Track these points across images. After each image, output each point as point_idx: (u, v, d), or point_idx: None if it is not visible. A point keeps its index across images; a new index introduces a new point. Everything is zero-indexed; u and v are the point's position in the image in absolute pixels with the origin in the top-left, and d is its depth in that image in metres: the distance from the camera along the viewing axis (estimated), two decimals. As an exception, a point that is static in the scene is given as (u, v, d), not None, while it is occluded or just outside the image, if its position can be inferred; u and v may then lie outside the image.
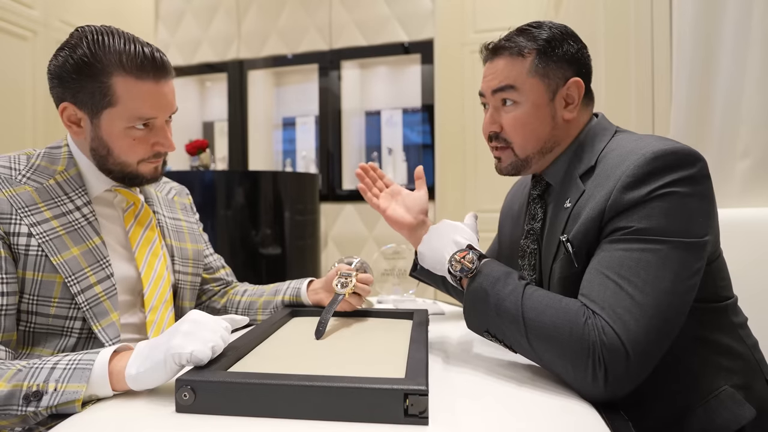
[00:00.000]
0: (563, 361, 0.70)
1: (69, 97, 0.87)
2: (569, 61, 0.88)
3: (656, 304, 0.69)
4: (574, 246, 0.79)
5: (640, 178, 0.74)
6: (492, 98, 0.91)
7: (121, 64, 0.84)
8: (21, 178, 0.86)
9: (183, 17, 3.94)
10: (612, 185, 0.76)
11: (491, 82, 0.90)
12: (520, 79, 0.87)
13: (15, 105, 2.74)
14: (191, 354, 0.64)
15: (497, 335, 0.78)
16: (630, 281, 0.70)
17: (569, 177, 0.87)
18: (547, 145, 0.90)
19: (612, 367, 0.66)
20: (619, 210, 0.74)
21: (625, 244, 0.73)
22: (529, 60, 0.87)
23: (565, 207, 0.84)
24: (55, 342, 0.85)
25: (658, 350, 0.70)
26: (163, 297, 0.97)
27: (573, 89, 0.88)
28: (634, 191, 0.74)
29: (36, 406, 0.64)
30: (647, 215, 0.73)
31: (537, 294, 0.75)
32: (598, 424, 0.61)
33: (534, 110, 0.88)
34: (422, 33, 3.45)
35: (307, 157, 3.89)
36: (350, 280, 0.97)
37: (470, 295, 0.80)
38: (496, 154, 0.94)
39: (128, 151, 0.89)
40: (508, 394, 0.68)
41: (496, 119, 0.91)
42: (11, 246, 0.81)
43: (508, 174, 0.94)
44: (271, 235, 2.73)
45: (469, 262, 0.81)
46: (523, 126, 0.88)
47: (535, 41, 0.87)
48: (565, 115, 0.89)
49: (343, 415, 0.59)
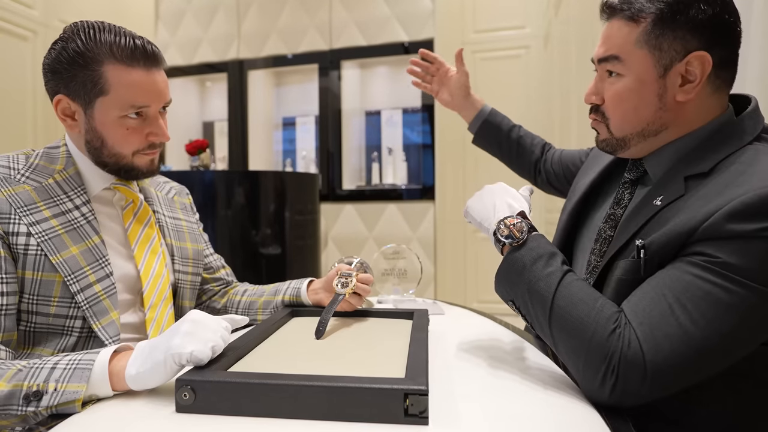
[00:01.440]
0: (577, 358, 0.67)
1: (62, 89, 0.87)
2: (695, 30, 0.72)
3: (704, 342, 0.63)
4: (647, 253, 0.70)
5: (755, 212, 0.63)
6: (599, 67, 0.82)
7: (111, 53, 0.85)
8: (20, 177, 0.86)
9: (183, 17, 3.94)
10: (718, 205, 0.65)
11: (599, 49, 0.81)
12: (626, 48, 0.76)
13: (15, 105, 2.74)
14: (191, 354, 0.64)
15: (521, 308, 0.75)
16: (686, 310, 0.63)
17: (673, 173, 0.75)
18: (651, 128, 0.78)
19: (624, 381, 0.64)
20: (713, 236, 0.64)
21: (701, 271, 0.64)
22: (642, 27, 0.75)
23: (654, 204, 0.74)
24: (55, 341, 0.85)
25: (682, 383, 0.65)
26: (162, 295, 0.97)
27: (695, 65, 0.73)
28: (741, 223, 0.63)
29: (36, 406, 0.64)
30: (742, 252, 0.63)
31: (575, 284, 0.71)
32: (598, 424, 0.61)
33: (638, 86, 0.77)
34: (422, 33, 3.45)
35: (307, 157, 3.89)
36: (350, 280, 0.97)
37: (508, 263, 0.76)
38: (593, 125, 0.86)
39: (122, 141, 0.89)
40: (508, 393, 0.68)
41: (599, 89, 0.82)
42: (10, 246, 0.81)
43: (603, 150, 0.86)
44: (271, 235, 2.73)
45: (518, 231, 0.75)
46: (621, 102, 0.78)
47: (655, 3, 0.74)
48: (678, 96, 0.75)
49: (343, 415, 0.59)
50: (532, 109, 3.12)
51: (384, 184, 3.64)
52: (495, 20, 3.24)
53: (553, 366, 0.80)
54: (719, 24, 0.73)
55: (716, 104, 0.77)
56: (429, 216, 3.43)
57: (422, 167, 3.59)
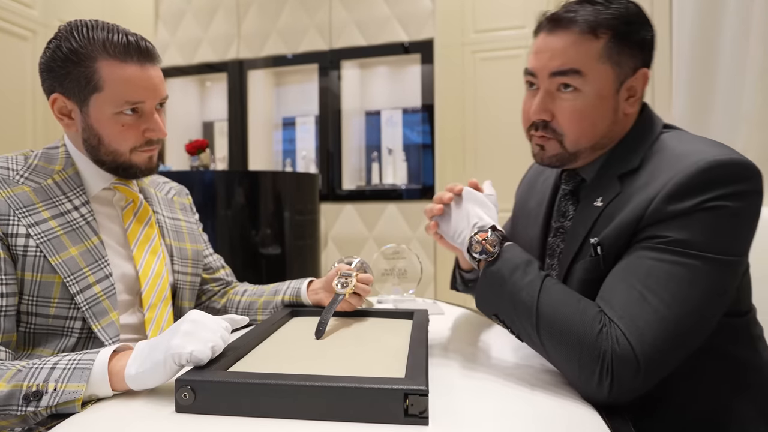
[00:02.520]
0: (570, 362, 0.68)
1: (57, 87, 0.87)
2: (642, 48, 0.77)
3: (679, 321, 0.66)
4: (603, 249, 0.74)
5: (688, 188, 0.68)
6: (547, 81, 0.79)
7: (105, 49, 0.85)
8: (18, 178, 0.86)
9: (183, 17, 3.94)
10: (655, 192, 0.71)
11: (550, 61, 0.77)
12: (589, 63, 0.75)
13: (15, 105, 2.74)
14: (191, 354, 0.64)
15: (506, 321, 0.76)
16: (656, 293, 0.67)
17: (605, 174, 0.80)
18: (602, 141, 0.81)
19: (620, 377, 0.65)
20: (659, 219, 0.70)
21: (658, 253, 0.69)
22: (602, 41, 0.75)
23: (596, 205, 0.78)
24: (55, 342, 0.85)
25: (671, 365, 0.68)
26: (161, 295, 0.97)
27: (639, 81, 0.78)
28: (679, 202, 0.68)
29: (36, 406, 0.64)
30: (687, 227, 0.68)
31: (555, 289, 0.72)
32: (598, 424, 0.61)
33: (598, 102, 0.77)
34: (422, 33, 3.45)
35: (307, 157, 3.89)
36: (350, 280, 0.97)
37: (487, 278, 0.76)
38: (539, 141, 0.83)
39: (119, 138, 0.89)
40: (507, 393, 0.68)
41: (548, 106, 0.79)
42: (10, 247, 0.81)
43: (549, 165, 0.86)
44: (271, 235, 2.73)
45: (491, 245, 0.76)
46: (581, 119, 0.78)
47: (611, 18, 0.75)
48: (626, 109, 0.80)
49: (343, 415, 0.59)
50: (532, 109, 3.11)
51: (384, 184, 3.64)
52: (495, 20, 3.23)
53: (552, 366, 0.80)
54: (653, 46, 0.80)
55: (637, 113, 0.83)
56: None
57: (422, 167, 3.59)
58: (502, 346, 0.90)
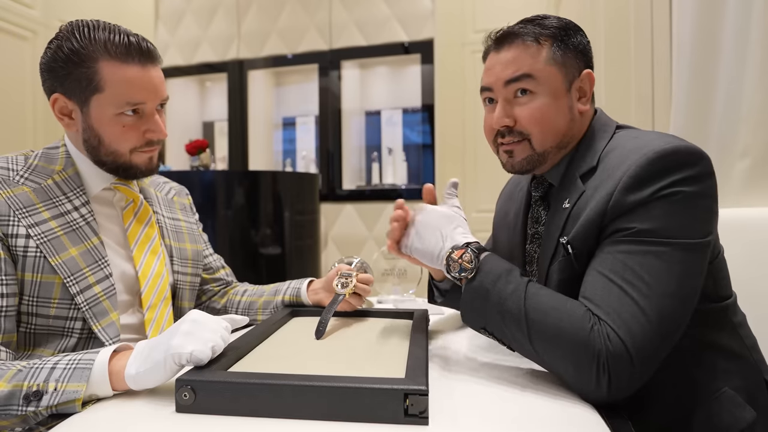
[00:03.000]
0: (566, 364, 0.69)
1: (58, 87, 0.87)
2: (582, 53, 0.85)
3: (660, 309, 0.68)
4: (574, 248, 0.77)
5: (642, 179, 0.72)
6: (503, 90, 0.85)
7: (106, 50, 0.85)
8: (18, 178, 0.86)
9: (183, 17, 3.94)
10: (613, 186, 0.74)
11: (503, 72, 0.84)
12: (537, 66, 0.82)
13: (15, 105, 2.74)
14: (191, 354, 0.64)
15: (495, 333, 0.76)
16: (634, 285, 0.69)
17: (569, 176, 0.84)
18: (565, 140, 0.85)
19: (616, 374, 0.65)
20: (621, 212, 0.73)
21: (627, 245, 0.71)
22: (546, 47, 0.83)
23: (564, 207, 0.81)
24: (56, 343, 0.85)
25: (662, 355, 0.69)
26: (161, 295, 0.97)
27: (586, 82, 0.85)
28: (636, 192, 0.72)
29: (36, 406, 0.64)
30: (649, 216, 0.71)
31: (541, 293, 0.73)
32: (598, 424, 0.61)
33: (553, 101, 0.83)
34: (422, 33, 3.45)
35: (307, 157, 3.89)
36: (350, 280, 0.97)
37: (470, 293, 0.77)
38: (507, 148, 0.87)
39: (119, 138, 0.89)
40: (507, 393, 0.68)
41: (509, 112, 0.85)
42: (10, 248, 0.81)
43: (520, 171, 0.88)
44: (271, 235, 2.73)
45: (468, 262, 0.77)
46: (541, 117, 0.83)
47: (549, 29, 0.83)
48: (580, 108, 0.85)
49: (343, 415, 0.59)
50: (532, 109, 3.12)
51: (384, 184, 3.64)
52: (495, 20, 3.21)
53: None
54: (590, 51, 0.88)
55: (591, 112, 0.89)
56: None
57: (422, 167, 3.59)
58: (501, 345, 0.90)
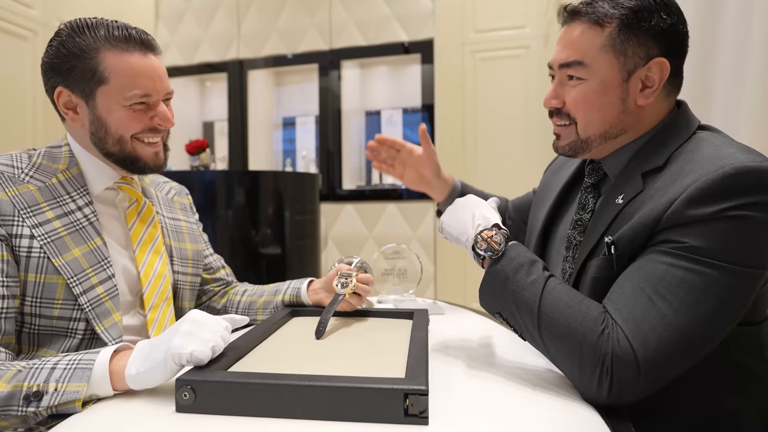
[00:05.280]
0: (570, 363, 0.68)
1: (61, 81, 0.87)
2: (657, 37, 0.76)
3: (688, 328, 0.64)
4: (618, 248, 0.73)
5: (710, 194, 0.66)
6: (559, 72, 0.82)
7: (107, 41, 0.86)
8: (24, 176, 0.86)
9: (183, 17, 3.94)
10: (676, 194, 0.68)
11: (559, 54, 0.81)
12: (591, 53, 0.77)
13: (15, 105, 2.74)
14: (191, 354, 0.64)
15: (509, 320, 0.76)
16: (665, 299, 0.65)
17: (630, 171, 0.78)
18: (612, 131, 0.80)
19: (619, 379, 0.64)
20: (677, 223, 0.67)
21: (672, 258, 0.67)
22: (607, 31, 0.76)
23: (616, 203, 0.76)
24: (59, 343, 0.85)
25: (675, 372, 0.66)
26: (163, 295, 0.97)
27: (655, 71, 0.77)
28: (699, 207, 0.66)
29: (36, 406, 0.64)
30: (706, 234, 0.65)
31: (559, 289, 0.71)
32: (598, 425, 0.61)
33: (602, 89, 0.78)
34: (422, 33, 3.45)
35: (307, 157, 3.89)
36: (350, 280, 0.97)
37: (490, 276, 0.76)
38: (557, 130, 0.86)
39: (126, 122, 0.89)
40: (508, 393, 0.68)
41: (559, 93, 0.83)
42: (13, 248, 0.81)
43: (564, 154, 0.87)
44: (271, 235, 2.73)
45: (496, 243, 0.76)
46: (585, 104, 0.80)
47: (619, 8, 0.76)
48: (639, 100, 0.78)
49: (343, 415, 0.59)
50: (531, 109, 3.12)
51: (384, 183, 3.64)
52: (495, 20, 3.23)
53: (552, 366, 0.80)
54: (676, 34, 0.77)
55: (666, 108, 0.81)
56: (429, 216, 3.43)
57: (422, 167, 3.59)
58: (502, 346, 0.90)
